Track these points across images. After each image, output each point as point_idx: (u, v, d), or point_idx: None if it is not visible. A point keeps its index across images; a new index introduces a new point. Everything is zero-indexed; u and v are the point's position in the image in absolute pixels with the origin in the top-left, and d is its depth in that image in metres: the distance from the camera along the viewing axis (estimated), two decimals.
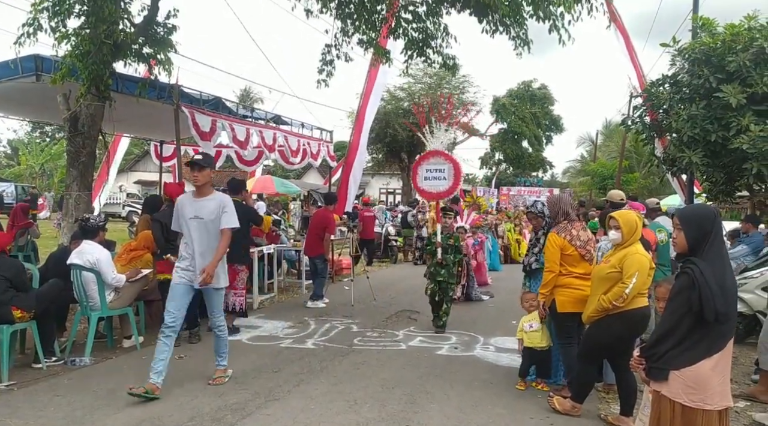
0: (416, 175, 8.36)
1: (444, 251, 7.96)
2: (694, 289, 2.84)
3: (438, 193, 8.24)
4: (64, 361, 6.05)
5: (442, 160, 8.23)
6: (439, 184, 8.18)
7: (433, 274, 8.00)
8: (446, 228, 8.21)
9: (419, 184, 8.33)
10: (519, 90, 35.94)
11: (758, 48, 8.22)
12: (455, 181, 8.15)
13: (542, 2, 7.66)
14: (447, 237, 8.11)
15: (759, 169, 7.78)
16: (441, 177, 8.15)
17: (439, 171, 8.16)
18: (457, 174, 8.16)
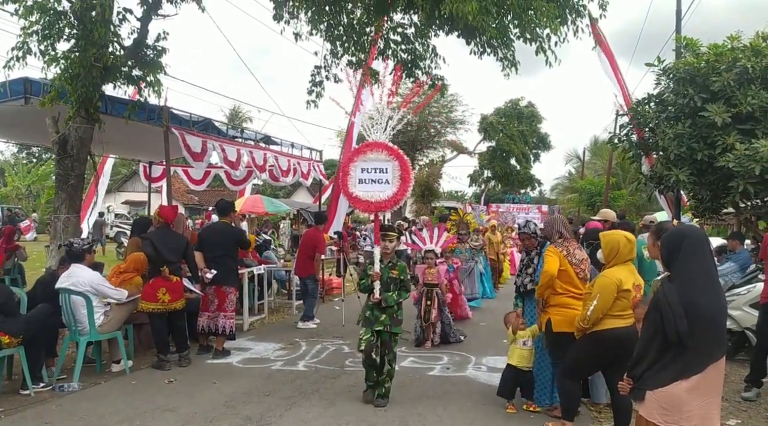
0: (346, 177, 5.91)
1: (385, 287, 5.75)
2: (658, 310, 2.87)
3: (377, 203, 5.84)
4: (52, 387, 5.96)
5: (384, 155, 5.83)
6: (380, 190, 5.80)
7: (370, 320, 5.71)
8: (387, 253, 5.91)
9: (351, 190, 5.89)
10: (506, 108, 36.30)
11: (742, 68, 8.36)
12: (402, 186, 5.80)
13: (529, 24, 7.76)
14: (389, 266, 5.84)
15: (745, 187, 7.87)
16: (382, 180, 5.81)
17: (379, 171, 5.83)
18: (404, 176, 5.79)
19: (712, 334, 2.89)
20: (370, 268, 5.84)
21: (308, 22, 9.06)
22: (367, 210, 6.01)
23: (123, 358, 6.61)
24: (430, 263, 8.60)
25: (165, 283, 6.73)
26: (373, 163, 5.82)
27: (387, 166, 5.79)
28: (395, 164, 5.80)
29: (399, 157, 5.83)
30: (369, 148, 5.87)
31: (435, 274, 8.55)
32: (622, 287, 4.36)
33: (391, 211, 6.47)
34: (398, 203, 5.98)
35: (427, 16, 7.50)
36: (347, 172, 5.89)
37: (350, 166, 5.91)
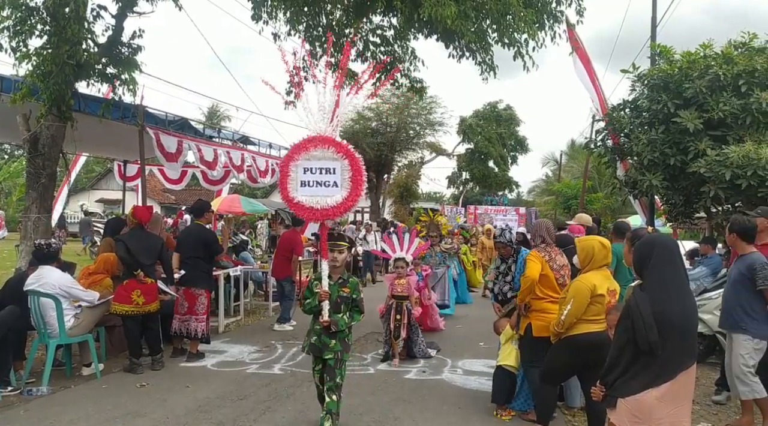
0: (286, 178, 4.91)
1: (335, 308, 4.83)
2: (629, 318, 2.90)
3: (324, 210, 4.82)
4: (20, 391, 5.84)
5: (331, 153, 4.79)
6: (327, 195, 4.81)
7: (317, 347, 4.81)
8: (337, 268, 4.94)
9: (292, 194, 4.87)
10: (485, 111, 36.46)
11: (713, 75, 8.51)
12: (354, 190, 4.81)
13: (507, 29, 7.83)
14: (339, 283, 4.90)
15: (716, 192, 8.00)
16: (329, 182, 4.83)
17: (325, 172, 4.84)
18: (356, 177, 4.80)
19: (682, 343, 2.93)
20: (317, 284, 4.83)
21: (287, 22, 9.02)
22: (312, 218, 4.93)
23: (94, 361, 6.49)
24: (401, 273, 7.66)
25: (139, 285, 6.63)
26: (318, 163, 4.79)
27: (335, 166, 4.77)
28: (345, 163, 4.75)
29: (349, 155, 4.75)
30: (312, 143, 4.78)
31: (405, 285, 7.59)
32: (596, 292, 4.39)
33: (342, 218, 5.47)
34: (349, 210, 4.88)
35: (406, 19, 7.54)
36: (287, 173, 4.82)
37: (290, 165, 4.82)
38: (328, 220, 4.96)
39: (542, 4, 8.43)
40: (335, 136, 4.83)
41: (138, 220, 6.98)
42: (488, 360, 7.24)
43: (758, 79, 8.41)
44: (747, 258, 5.15)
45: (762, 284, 4.97)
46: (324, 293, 4.76)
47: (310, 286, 4.95)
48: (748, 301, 5.11)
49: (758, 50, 8.98)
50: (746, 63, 8.48)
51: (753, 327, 5.09)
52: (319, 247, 4.94)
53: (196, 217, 7.90)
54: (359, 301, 4.94)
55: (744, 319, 5.11)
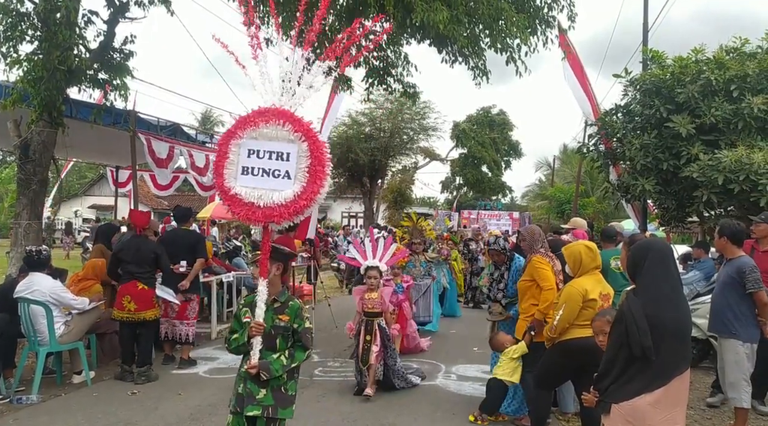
0: (223, 160, 3.64)
1: (268, 343, 3.55)
2: (622, 323, 2.89)
3: (268, 209, 3.55)
4: (9, 400, 5.77)
5: (285, 132, 3.57)
6: (274, 188, 3.56)
7: (242, 398, 3.57)
8: (275, 287, 3.68)
9: (228, 183, 3.62)
10: (478, 116, 36.53)
11: (705, 80, 8.55)
12: (312, 185, 3.52)
13: (499, 34, 7.83)
14: (274, 309, 3.63)
15: (709, 197, 8.03)
16: (279, 172, 3.58)
17: (276, 157, 3.59)
18: (316, 168, 3.53)
19: (676, 348, 2.92)
20: (246, 312, 3.63)
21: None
22: (250, 219, 3.55)
23: (84, 369, 6.43)
24: (372, 285, 6.39)
25: (130, 290, 6.55)
26: (268, 144, 3.55)
27: (289, 151, 3.52)
28: (303, 148, 3.50)
29: (310, 137, 3.50)
30: (263, 117, 3.55)
31: (377, 300, 6.30)
32: (587, 297, 4.39)
33: (291, 223, 3.68)
34: (302, 212, 3.49)
35: (399, 24, 7.52)
36: (225, 154, 3.58)
37: (230, 144, 3.58)
38: (271, 223, 3.56)
39: (534, 10, 8.44)
40: (293, 109, 3.59)
41: (135, 225, 6.94)
42: (482, 365, 7.21)
43: (750, 84, 8.46)
44: (736, 261, 5.16)
45: (751, 287, 4.99)
46: (256, 326, 3.47)
47: (237, 315, 3.73)
48: (737, 304, 5.12)
49: (750, 55, 9.05)
50: (738, 68, 8.54)
51: (742, 331, 5.10)
52: (258, 262, 3.64)
53: (180, 223, 7.87)
54: (303, 332, 3.59)
55: (733, 323, 5.13)
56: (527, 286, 5.30)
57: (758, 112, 8.10)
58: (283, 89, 3.65)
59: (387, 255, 6.61)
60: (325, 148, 3.54)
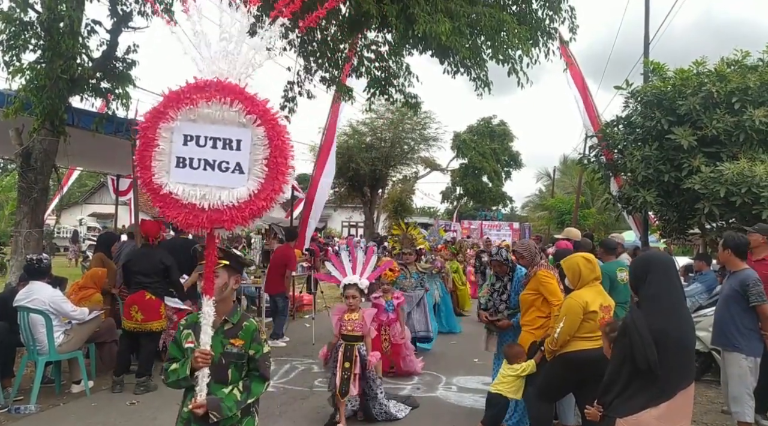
0: (150, 149, 2.81)
1: (217, 375, 2.90)
2: (626, 336, 2.88)
3: (215, 213, 2.78)
4: (8, 409, 5.73)
5: (234, 113, 2.78)
6: (222, 185, 2.80)
7: None
8: (225, 305, 3.06)
9: (159, 178, 2.80)
10: (479, 126, 36.68)
11: (707, 92, 8.58)
12: (271, 182, 2.79)
13: (501, 46, 7.86)
14: (224, 332, 2.99)
15: (710, 209, 8.03)
16: (228, 164, 2.80)
17: (223, 145, 2.81)
18: (277, 159, 2.78)
19: (681, 361, 2.90)
20: (188, 335, 2.95)
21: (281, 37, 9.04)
22: (191, 224, 2.78)
23: (83, 378, 6.39)
24: (352, 304, 5.64)
25: (137, 300, 6.54)
26: (212, 129, 2.79)
27: (240, 137, 2.78)
28: (258, 134, 2.76)
29: (267, 119, 2.76)
30: (203, 93, 2.76)
31: (358, 322, 5.55)
32: (588, 309, 4.37)
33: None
34: (259, 215, 2.80)
35: (401, 35, 7.55)
36: (152, 141, 2.78)
37: (159, 127, 2.78)
38: (220, 229, 2.83)
39: (536, 21, 8.49)
40: (245, 85, 2.79)
41: (145, 235, 6.95)
42: (483, 377, 7.17)
43: (751, 96, 8.48)
44: (740, 274, 5.14)
45: (755, 300, 4.96)
46: (201, 355, 2.77)
47: (177, 339, 3.01)
48: (740, 317, 5.09)
49: (751, 68, 9.08)
50: (739, 80, 8.56)
51: (745, 345, 5.07)
52: (200, 276, 2.97)
53: (180, 232, 7.87)
54: (261, 359, 2.96)
55: (736, 337, 5.09)
56: (531, 299, 5.27)
57: (760, 125, 8.11)
58: (231, 59, 2.80)
59: (368, 269, 5.77)
60: (287, 134, 2.78)
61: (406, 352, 7.48)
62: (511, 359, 5.29)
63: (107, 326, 6.89)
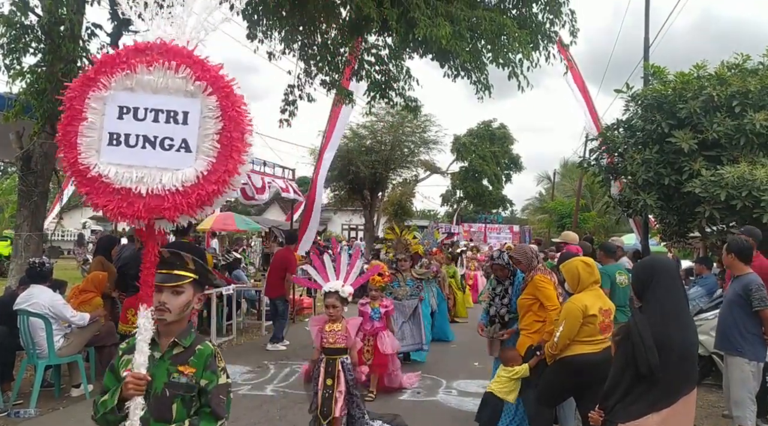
0: (77, 123, 2.30)
1: (159, 410, 2.40)
2: (629, 341, 2.87)
3: (154, 198, 2.24)
4: (7, 413, 5.73)
5: (180, 80, 2.27)
6: (164, 165, 2.27)
7: None
8: (171, 321, 2.50)
9: (86, 158, 2.26)
10: (479, 129, 36.68)
11: (707, 96, 8.57)
12: (224, 159, 2.25)
13: (501, 49, 7.87)
14: (171, 357, 2.48)
15: (711, 213, 8.02)
16: (173, 141, 2.28)
17: (166, 118, 2.29)
18: (231, 133, 2.26)
19: (683, 367, 2.89)
20: (128, 362, 2.40)
21: (282, 41, 9.05)
22: (125, 214, 2.28)
23: (83, 382, 6.38)
24: (333, 314, 5.02)
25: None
26: (152, 99, 2.32)
27: (188, 109, 2.31)
28: (209, 104, 2.30)
29: (220, 87, 2.31)
30: (142, 56, 2.31)
31: (341, 333, 4.95)
32: (587, 313, 4.36)
33: (197, 219, 2.48)
34: (209, 202, 2.30)
35: (402, 39, 7.56)
36: (79, 113, 2.32)
37: (88, 96, 2.32)
38: (161, 221, 2.30)
39: (536, 25, 8.49)
40: (195, 45, 2.34)
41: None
42: (483, 381, 7.13)
43: (752, 100, 8.48)
44: (743, 278, 5.13)
45: (758, 305, 4.95)
46: (135, 381, 2.25)
47: (115, 366, 2.51)
48: (743, 321, 5.08)
49: (751, 71, 9.08)
50: (740, 84, 8.56)
51: (748, 349, 5.05)
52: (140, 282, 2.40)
53: (179, 236, 7.86)
54: (214, 392, 2.46)
55: (739, 341, 5.08)
56: (529, 304, 5.28)
57: (760, 129, 8.10)
58: (171, 16, 2.35)
59: (353, 274, 5.14)
60: (244, 105, 2.30)
61: (392, 366, 6.88)
62: (506, 362, 5.34)
63: (107, 330, 6.88)
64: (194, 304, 2.54)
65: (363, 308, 6.79)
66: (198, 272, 2.54)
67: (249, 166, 2.29)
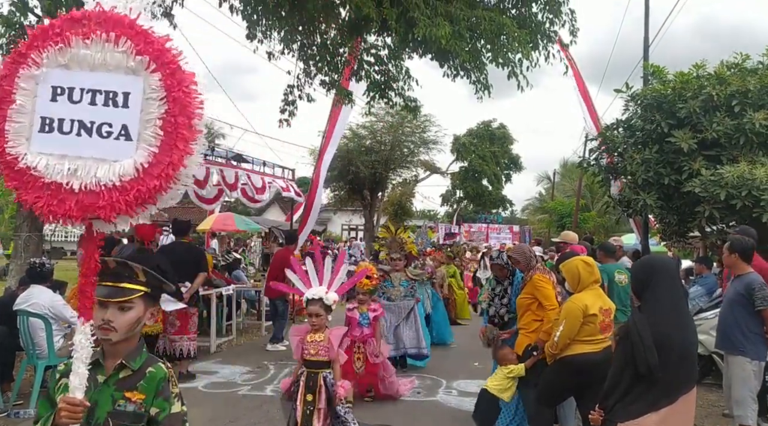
0: (4, 106, 1.97)
1: None
2: (628, 340, 2.87)
3: (88, 195, 1.92)
4: (7, 414, 5.73)
5: (120, 55, 1.95)
6: (100, 156, 1.94)
7: None
8: (113, 344, 2.12)
9: (15, 150, 1.95)
10: (479, 129, 36.70)
11: (707, 96, 8.56)
12: (172, 147, 1.91)
13: (501, 49, 7.86)
14: (117, 381, 2.12)
15: (711, 212, 8.01)
16: (112, 127, 1.96)
17: (105, 100, 1.96)
18: (177, 113, 1.92)
19: (682, 367, 2.89)
20: (65, 388, 2.02)
21: (281, 41, 9.05)
22: (56, 213, 1.93)
23: None
24: (316, 323, 4.57)
25: None
26: (89, 77, 2.00)
27: (129, 89, 1.98)
28: (153, 83, 1.97)
29: (165, 62, 1.96)
30: (78, 27, 1.98)
31: (323, 344, 4.52)
32: (588, 312, 4.36)
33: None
34: (152, 200, 1.96)
35: (401, 39, 7.55)
36: (8, 96, 1.99)
37: (17, 76, 2.00)
38: (97, 221, 1.98)
39: (536, 25, 8.48)
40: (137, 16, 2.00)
41: (141, 238, 6.94)
42: (483, 381, 7.07)
43: (751, 99, 8.47)
44: (745, 278, 5.12)
45: (761, 304, 4.94)
46: (69, 408, 1.92)
47: (49, 391, 2.17)
48: (745, 321, 5.07)
49: (751, 71, 9.07)
50: (739, 83, 8.55)
51: (750, 349, 5.05)
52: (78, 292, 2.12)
53: (178, 236, 7.87)
54: (165, 423, 2.14)
55: (741, 341, 5.07)
56: (527, 303, 5.29)
57: (760, 128, 8.10)
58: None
59: (338, 280, 4.71)
60: (194, 85, 1.97)
61: (384, 373, 6.49)
62: (499, 361, 5.36)
63: None
64: (146, 321, 2.21)
65: (350, 314, 6.40)
66: (150, 285, 2.20)
67: (199, 158, 1.99)
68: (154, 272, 2.23)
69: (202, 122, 1.98)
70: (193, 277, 7.40)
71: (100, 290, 2.08)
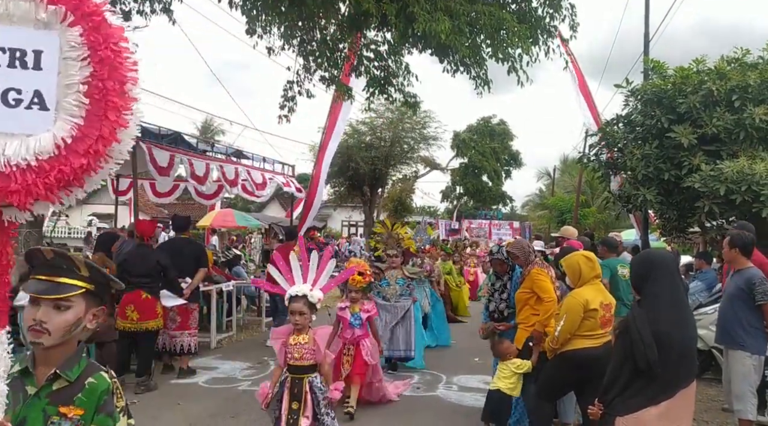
0: None
1: None
2: (628, 335, 2.87)
3: None
4: None
5: (24, 2, 1.46)
6: (8, 129, 1.46)
7: None
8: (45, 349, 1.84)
9: None
10: (479, 125, 36.66)
11: (707, 91, 8.55)
12: (101, 117, 1.47)
13: (501, 44, 7.84)
14: (45, 395, 1.81)
15: (710, 208, 8.01)
16: (18, 95, 1.47)
17: (9, 57, 1.46)
18: (105, 77, 1.47)
19: (682, 361, 2.90)
20: None
21: (281, 37, 9.03)
22: None
23: None
24: (298, 323, 4.21)
25: (134, 299, 6.53)
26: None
27: (40, 46, 1.49)
28: (71, 39, 1.49)
29: (85, 13, 1.50)
30: None
31: (308, 346, 4.18)
32: (588, 307, 4.36)
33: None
34: (76, 182, 1.50)
35: (401, 35, 7.52)
36: None
37: None
38: (9, 209, 1.51)
39: (536, 20, 8.45)
40: None
41: (140, 234, 6.96)
42: (484, 376, 7.16)
43: (751, 94, 8.46)
44: (745, 272, 5.12)
45: (761, 299, 4.94)
46: None
47: None
48: (745, 316, 5.08)
49: (751, 66, 9.06)
50: (739, 78, 8.54)
51: (750, 343, 5.05)
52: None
53: (178, 232, 7.88)
54: None
55: (741, 335, 5.08)
56: (526, 297, 5.31)
57: (760, 123, 8.09)
58: None
59: (323, 276, 4.37)
60: (124, 41, 1.60)
61: (373, 377, 6.10)
62: (500, 355, 5.38)
63: (107, 326, 6.87)
64: (87, 323, 1.88)
65: (342, 313, 5.97)
66: (94, 281, 1.89)
67: (135, 130, 1.58)
68: (98, 267, 1.94)
69: (137, 87, 1.57)
70: (194, 272, 7.42)
71: (32, 285, 1.83)
